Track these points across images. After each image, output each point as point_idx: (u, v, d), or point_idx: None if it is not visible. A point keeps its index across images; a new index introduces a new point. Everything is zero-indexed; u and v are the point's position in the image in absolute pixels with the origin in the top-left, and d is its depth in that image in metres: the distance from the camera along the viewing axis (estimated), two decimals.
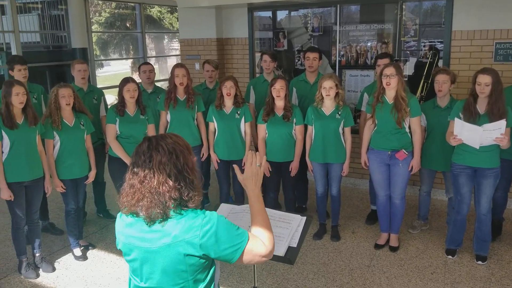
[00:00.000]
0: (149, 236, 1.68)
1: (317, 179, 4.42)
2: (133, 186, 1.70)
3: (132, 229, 1.73)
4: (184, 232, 1.64)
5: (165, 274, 1.70)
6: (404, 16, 5.52)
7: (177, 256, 1.66)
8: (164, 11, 15.23)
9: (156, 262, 1.69)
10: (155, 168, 1.67)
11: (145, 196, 1.66)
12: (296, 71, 6.24)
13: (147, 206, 1.66)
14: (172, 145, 1.71)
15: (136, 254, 1.73)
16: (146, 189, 1.67)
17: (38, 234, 4.01)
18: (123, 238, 1.76)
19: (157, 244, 1.67)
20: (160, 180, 1.66)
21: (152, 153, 1.69)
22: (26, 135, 3.71)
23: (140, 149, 1.74)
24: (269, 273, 3.86)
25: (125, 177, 1.76)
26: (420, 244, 4.35)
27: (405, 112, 3.87)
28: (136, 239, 1.71)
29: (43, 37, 10.49)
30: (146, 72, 4.95)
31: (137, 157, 1.73)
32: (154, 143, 1.72)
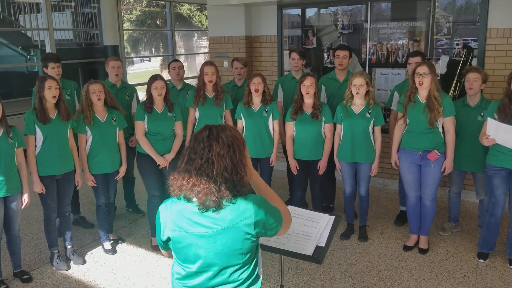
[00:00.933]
0: (203, 222, 1.73)
1: (345, 179, 4.38)
2: (189, 171, 1.75)
3: (184, 216, 1.76)
4: (239, 216, 1.72)
5: (219, 258, 1.75)
6: (437, 14, 5.39)
7: (232, 239, 1.73)
8: (194, 9, 15.37)
9: (211, 247, 1.74)
10: (214, 158, 1.72)
11: (201, 183, 1.71)
12: (325, 69, 6.19)
13: (202, 193, 1.71)
14: (231, 139, 1.77)
15: (189, 240, 1.76)
16: (202, 177, 1.72)
17: (69, 227, 4.11)
18: (174, 226, 1.78)
19: (213, 229, 1.72)
20: (217, 171, 1.71)
21: (212, 143, 1.74)
22: (58, 129, 3.80)
23: (199, 136, 1.78)
24: (296, 272, 3.85)
25: (179, 161, 1.82)
26: (451, 246, 4.26)
27: (438, 112, 3.79)
28: (190, 225, 1.75)
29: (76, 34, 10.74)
30: (176, 69, 5.00)
31: (195, 144, 1.77)
32: (214, 133, 1.76)
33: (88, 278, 3.87)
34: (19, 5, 9.88)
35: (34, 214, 5.15)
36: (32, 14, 9.34)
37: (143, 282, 3.81)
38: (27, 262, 4.11)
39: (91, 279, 3.86)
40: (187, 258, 1.80)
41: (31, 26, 9.43)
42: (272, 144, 4.52)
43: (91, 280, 3.85)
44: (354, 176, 4.38)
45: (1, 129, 3.47)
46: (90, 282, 3.81)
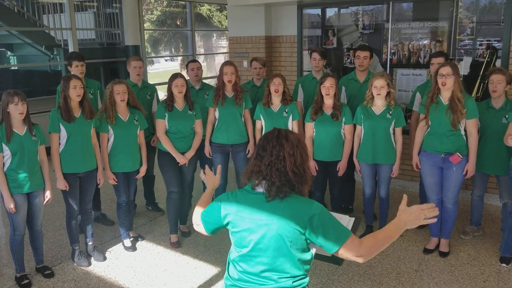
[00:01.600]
0: (262, 210, 1.92)
1: (365, 180, 4.35)
2: (258, 166, 1.95)
3: (248, 203, 1.96)
4: (296, 211, 1.88)
5: (270, 246, 1.90)
6: (460, 14, 5.31)
7: (282, 232, 1.87)
8: (214, 9, 15.44)
9: (266, 234, 1.90)
10: (285, 154, 1.92)
11: (272, 177, 1.91)
12: (345, 70, 6.15)
13: (275, 186, 1.90)
14: (297, 141, 1.97)
15: (246, 224, 1.95)
16: (273, 171, 1.91)
17: (90, 224, 4.17)
18: (235, 212, 1.98)
19: (267, 218, 1.90)
20: (289, 166, 1.91)
21: (283, 141, 1.94)
22: (82, 128, 3.86)
23: (269, 136, 1.97)
24: (314, 273, 3.84)
25: (250, 158, 2.04)
26: (472, 250, 4.19)
27: (461, 114, 3.73)
28: (250, 212, 1.94)
29: (98, 34, 10.88)
30: (194, 70, 5.02)
31: (265, 142, 1.96)
32: (283, 134, 1.97)
33: (108, 275, 3.93)
34: (43, 5, 10.07)
35: (56, 211, 5.25)
36: (56, 14, 9.50)
37: (162, 279, 3.84)
38: (49, 258, 4.18)
39: (111, 276, 3.91)
40: (241, 242, 1.97)
41: (55, 26, 9.60)
42: None
43: (111, 276, 3.90)
44: (374, 177, 4.35)
45: (25, 127, 3.55)
46: (110, 279, 3.86)
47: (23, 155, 3.51)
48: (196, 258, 4.17)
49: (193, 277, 3.86)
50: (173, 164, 4.29)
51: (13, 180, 3.52)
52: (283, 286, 1.92)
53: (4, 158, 3.49)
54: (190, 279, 3.84)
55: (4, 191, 3.50)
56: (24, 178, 3.54)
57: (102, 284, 3.77)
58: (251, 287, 1.96)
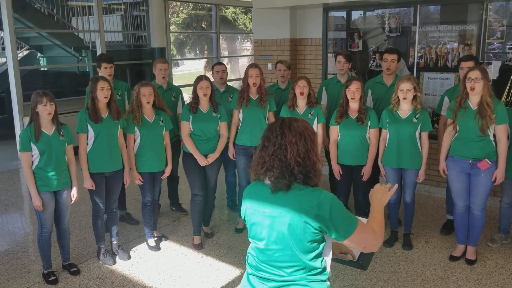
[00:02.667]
0: (270, 202, 1.89)
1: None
2: (263, 157, 1.90)
3: (257, 196, 1.95)
4: (302, 203, 1.84)
5: (281, 239, 1.87)
6: (490, 17, 5.20)
7: (292, 222, 1.84)
8: (239, 11, 15.51)
9: (274, 226, 1.88)
10: (287, 143, 1.86)
11: (274, 167, 1.86)
12: (370, 73, 6.10)
13: (275, 176, 1.86)
14: (302, 128, 1.90)
15: (257, 218, 1.94)
16: (275, 161, 1.86)
17: (116, 223, 4.24)
18: (249, 204, 1.98)
19: (276, 210, 1.87)
20: (290, 155, 1.85)
21: (285, 130, 1.88)
22: (109, 128, 3.93)
23: (273, 126, 1.93)
24: (337, 278, 3.81)
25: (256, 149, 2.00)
26: (500, 259, 4.09)
27: (490, 119, 3.65)
28: (259, 205, 1.93)
29: (125, 36, 11.06)
30: (219, 72, 5.05)
31: (269, 133, 1.92)
32: (287, 122, 1.91)
33: (133, 273, 3.98)
34: (72, 8, 10.29)
35: (82, 210, 5.35)
36: (84, 16, 9.70)
37: (185, 279, 3.87)
38: (75, 255, 4.27)
39: (135, 274, 3.96)
40: (255, 235, 1.97)
41: (83, 28, 9.80)
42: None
43: (135, 275, 3.95)
44: (400, 182, 4.29)
45: (53, 127, 3.63)
46: (134, 277, 3.91)
47: (51, 155, 3.60)
48: (219, 259, 4.19)
49: (216, 278, 3.88)
50: (197, 167, 4.32)
51: (40, 178, 3.61)
52: (296, 279, 1.89)
53: (32, 157, 3.58)
54: (213, 280, 3.86)
55: (32, 189, 3.59)
56: (51, 176, 3.62)
57: (127, 283, 3.83)
58: (267, 277, 1.94)
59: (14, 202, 5.91)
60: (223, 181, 5.31)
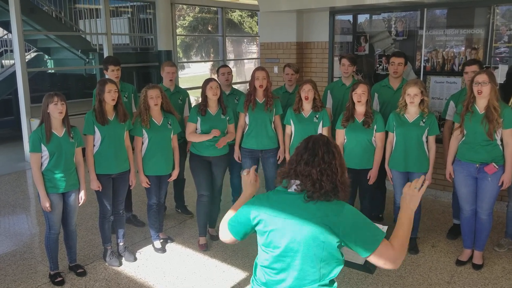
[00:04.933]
0: (296, 211, 1.92)
1: (396, 188, 4.28)
2: (309, 171, 1.95)
3: (281, 203, 1.96)
4: (326, 214, 1.88)
5: (302, 248, 1.90)
6: (497, 21, 5.19)
7: (315, 232, 1.87)
8: (245, 15, 15.55)
9: (297, 234, 1.90)
10: (337, 163, 1.95)
11: (323, 181, 1.92)
12: (376, 76, 6.09)
13: (316, 187, 1.91)
14: (339, 154, 2.00)
15: (278, 224, 1.94)
16: (323, 176, 1.92)
17: (122, 225, 4.25)
18: (268, 211, 1.97)
19: (301, 218, 1.90)
20: (337, 176, 1.94)
21: (333, 150, 1.98)
22: (116, 130, 3.96)
23: (320, 142, 2.00)
24: (343, 281, 3.80)
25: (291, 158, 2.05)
26: (507, 264, 4.07)
27: (497, 123, 3.63)
28: (282, 212, 1.94)
29: (132, 39, 11.11)
30: (225, 74, 5.07)
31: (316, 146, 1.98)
32: (332, 142, 2.01)
33: (139, 275, 3.99)
34: (80, 11, 10.36)
35: (89, 211, 5.37)
36: (92, 19, 9.77)
37: (190, 281, 3.88)
38: (82, 257, 4.28)
39: (141, 276, 3.97)
40: (272, 243, 1.96)
41: (91, 31, 9.86)
42: None
43: (141, 277, 3.96)
44: None
45: (64, 128, 3.66)
46: (140, 279, 3.92)
47: (60, 156, 3.62)
48: (224, 262, 4.19)
49: (221, 281, 3.89)
50: (204, 167, 4.34)
51: (49, 180, 3.63)
52: None
53: (42, 158, 3.61)
54: (219, 282, 3.87)
55: (41, 190, 3.62)
56: (60, 178, 3.65)
57: (132, 284, 3.84)
58: None
59: (21, 203, 5.94)
60: (228, 184, 5.32)
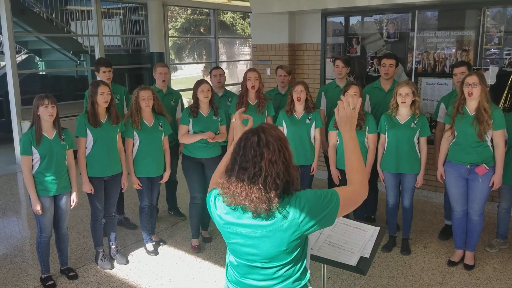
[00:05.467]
0: (251, 224, 1.76)
1: (388, 190, 4.30)
2: (242, 180, 1.74)
3: (234, 217, 1.79)
4: (284, 217, 1.72)
5: (266, 257, 1.78)
6: (487, 23, 5.23)
7: (278, 241, 1.74)
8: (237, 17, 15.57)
9: (259, 246, 1.77)
10: (266, 166, 1.71)
11: (254, 192, 1.71)
12: (368, 78, 6.12)
13: (255, 202, 1.71)
14: (279, 141, 1.76)
15: (237, 238, 1.81)
16: (255, 185, 1.71)
17: (114, 227, 4.23)
18: (223, 223, 1.83)
19: (260, 231, 1.75)
20: (270, 179, 1.70)
21: (264, 150, 1.73)
22: (108, 133, 3.94)
23: (248, 143, 1.76)
24: (335, 282, 3.81)
25: (227, 168, 1.80)
26: (498, 264, 4.10)
27: (488, 125, 3.66)
28: (238, 226, 1.78)
29: (124, 41, 11.08)
30: (217, 76, 5.08)
31: (245, 151, 1.76)
32: (264, 139, 1.75)
33: (131, 278, 3.97)
34: (71, 12, 10.31)
35: (81, 214, 5.34)
36: (83, 21, 9.72)
37: (183, 284, 3.87)
38: (73, 260, 4.25)
39: (133, 279, 3.95)
40: (235, 251, 1.86)
41: (82, 32, 9.82)
42: (313, 152, 4.51)
43: (133, 280, 3.94)
44: (398, 187, 4.30)
45: (55, 131, 3.63)
46: (133, 282, 3.90)
47: (52, 159, 3.59)
48: (217, 264, 4.18)
49: (214, 283, 3.88)
50: (197, 169, 4.33)
51: (40, 182, 3.60)
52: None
53: (33, 161, 3.58)
54: (211, 284, 3.86)
55: (32, 193, 3.59)
56: (51, 181, 3.62)
57: (125, 287, 3.82)
58: None
59: (12, 206, 5.89)
60: None
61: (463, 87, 3.71)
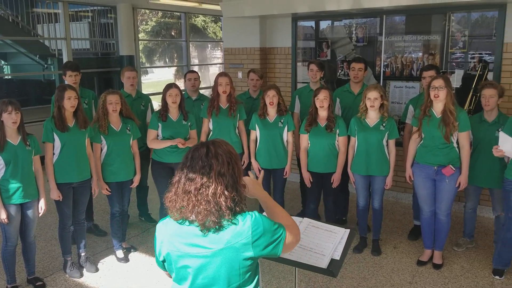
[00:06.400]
0: (201, 243, 1.69)
1: (359, 192, 4.36)
2: (189, 192, 1.69)
3: (183, 236, 1.72)
4: (237, 236, 1.67)
5: (217, 279, 1.71)
6: (452, 27, 5.38)
7: (230, 260, 1.69)
8: (208, 20, 15.53)
9: (208, 267, 1.70)
10: (214, 177, 1.68)
11: (201, 204, 1.66)
12: (339, 82, 6.20)
13: (203, 214, 1.66)
14: (229, 155, 1.73)
15: (187, 261, 1.73)
16: (203, 197, 1.67)
17: (83, 235, 4.14)
18: (170, 246, 1.75)
19: (210, 249, 1.68)
20: (218, 191, 1.67)
21: (212, 161, 1.69)
22: (76, 138, 3.85)
23: (197, 154, 1.72)
24: (308, 285, 3.83)
25: (173, 180, 1.76)
26: (465, 262, 4.20)
27: (453, 127, 3.76)
28: (187, 245, 1.71)
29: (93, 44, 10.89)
30: (192, 80, 5.05)
31: (193, 162, 1.71)
32: (213, 151, 1.71)
33: (101, 286, 3.89)
34: (38, 15, 10.06)
35: (48, 221, 5.20)
36: (50, 23, 9.50)
37: None
38: (41, 269, 4.14)
39: (103, 287, 3.87)
40: (183, 278, 1.77)
41: (49, 36, 9.59)
42: (286, 155, 4.53)
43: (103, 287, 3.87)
44: (368, 189, 4.36)
45: (19, 136, 3.53)
46: None
47: (17, 165, 3.49)
48: None
49: None
50: (167, 174, 4.29)
51: (6, 190, 3.49)
52: None
53: None
54: None
55: None
56: (17, 188, 3.52)
57: None
58: None
59: None
60: None
61: (430, 90, 3.80)
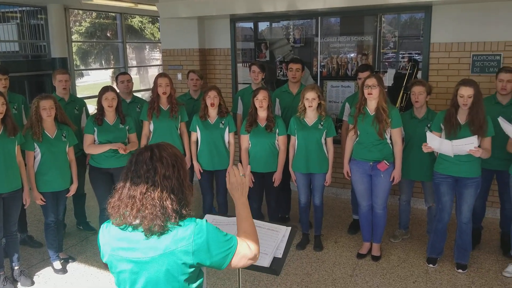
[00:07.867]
0: (141, 247, 1.67)
1: (300, 189, 4.45)
2: (133, 197, 1.67)
3: (123, 241, 1.70)
4: (177, 242, 1.65)
5: (156, 284, 1.69)
6: (383, 28, 5.62)
7: (169, 266, 1.66)
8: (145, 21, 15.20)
9: (147, 273, 1.68)
10: (159, 180, 1.67)
11: (147, 208, 1.65)
12: (278, 82, 6.29)
13: (149, 219, 1.64)
14: (174, 158, 1.72)
15: (126, 265, 1.71)
16: (148, 201, 1.65)
17: (16, 247, 3.93)
18: (110, 250, 1.73)
19: (149, 254, 1.66)
20: (164, 194, 1.66)
21: (157, 164, 1.68)
22: (4, 145, 3.64)
23: (141, 158, 1.71)
24: (253, 284, 3.85)
25: (117, 186, 1.73)
26: (402, 253, 4.40)
27: (386, 123, 3.93)
28: (127, 250, 1.69)
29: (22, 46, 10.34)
30: (124, 82, 4.93)
31: (137, 167, 1.70)
32: (157, 154, 1.70)
33: None
34: None
35: None
36: None
37: None
38: None
39: None
40: (122, 283, 1.75)
41: None
42: (228, 156, 4.53)
43: None
44: (309, 186, 4.46)
45: None
46: None
47: None
48: None
49: None
50: (106, 179, 4.17)
51: None
52: None
53: None
54: None
55: None
56: None
57: None
58: None
59: None
60: None
61: (364, 89, 3.95)
